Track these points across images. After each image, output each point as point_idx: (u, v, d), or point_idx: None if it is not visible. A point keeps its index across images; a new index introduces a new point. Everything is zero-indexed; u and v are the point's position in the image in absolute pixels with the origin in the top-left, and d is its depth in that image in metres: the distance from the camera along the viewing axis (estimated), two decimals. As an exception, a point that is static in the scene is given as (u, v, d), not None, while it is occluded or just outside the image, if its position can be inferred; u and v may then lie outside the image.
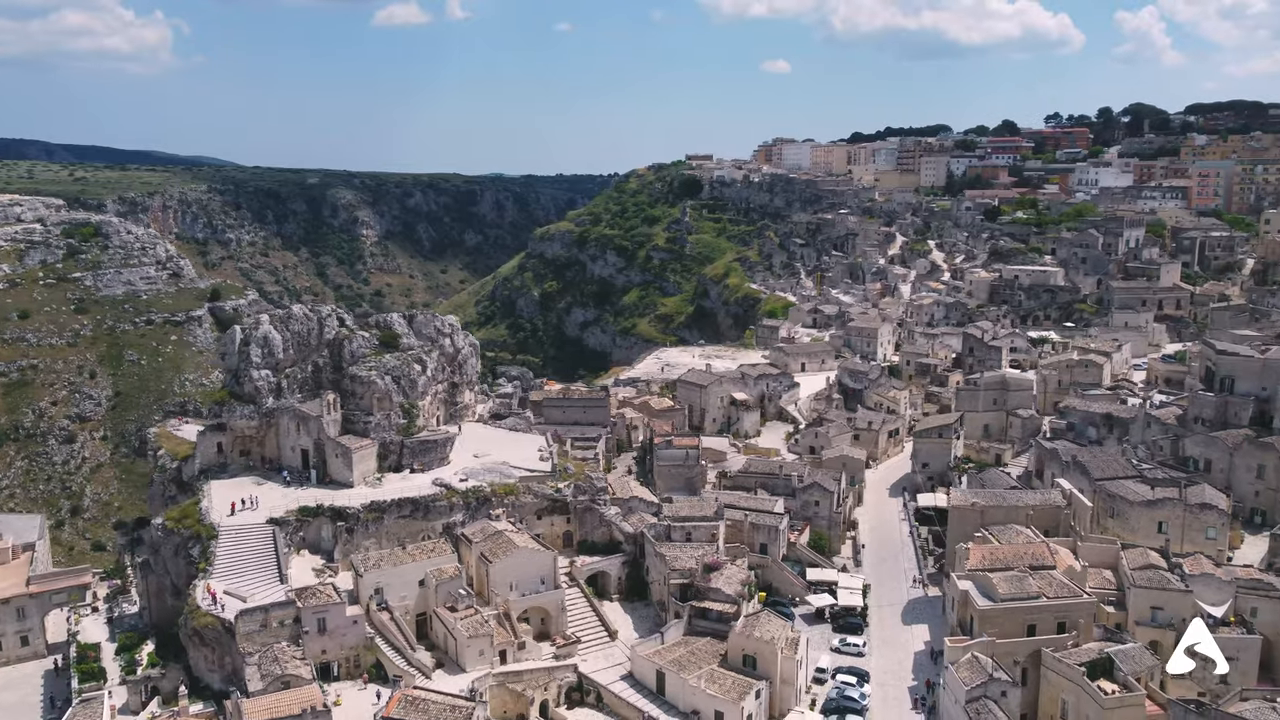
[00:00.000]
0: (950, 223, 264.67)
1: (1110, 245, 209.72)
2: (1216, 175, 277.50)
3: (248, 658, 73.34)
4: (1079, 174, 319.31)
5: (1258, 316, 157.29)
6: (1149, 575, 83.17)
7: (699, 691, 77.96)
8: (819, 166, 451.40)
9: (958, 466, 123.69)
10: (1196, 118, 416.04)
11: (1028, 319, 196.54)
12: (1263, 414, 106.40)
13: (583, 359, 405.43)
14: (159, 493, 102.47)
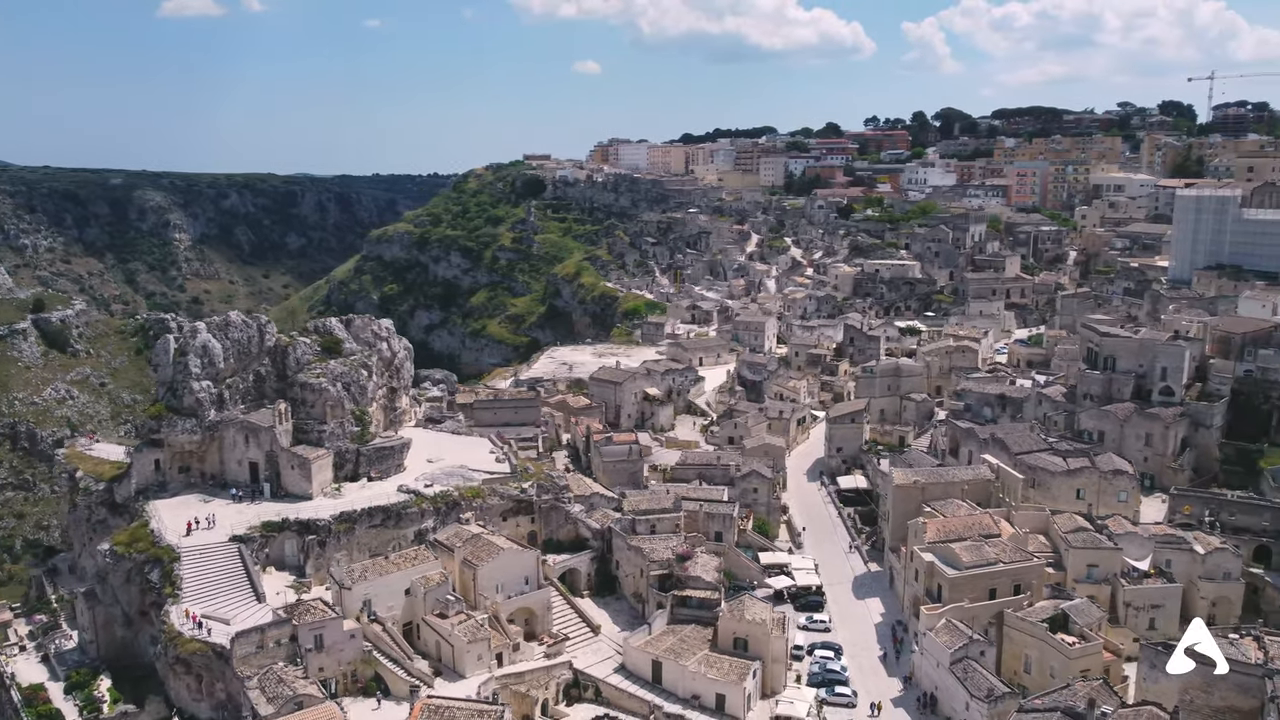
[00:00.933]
0: (805, 220, 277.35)
1: (959, 240, 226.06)
2: (1033, 175, 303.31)
3: (247, 681, 69.90)
4: (908, 174, 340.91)
5: (1100, 303, 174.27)
6: (1083, 537, 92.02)
7: (699, 676, 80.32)
8: (657, 166, 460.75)
9: (871, 449, 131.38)
10: (1001, 122, 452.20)
11: (890, 310, 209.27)
12: (1140, 389, 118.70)
13: (430, 362, 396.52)
14: (83, 518, 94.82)
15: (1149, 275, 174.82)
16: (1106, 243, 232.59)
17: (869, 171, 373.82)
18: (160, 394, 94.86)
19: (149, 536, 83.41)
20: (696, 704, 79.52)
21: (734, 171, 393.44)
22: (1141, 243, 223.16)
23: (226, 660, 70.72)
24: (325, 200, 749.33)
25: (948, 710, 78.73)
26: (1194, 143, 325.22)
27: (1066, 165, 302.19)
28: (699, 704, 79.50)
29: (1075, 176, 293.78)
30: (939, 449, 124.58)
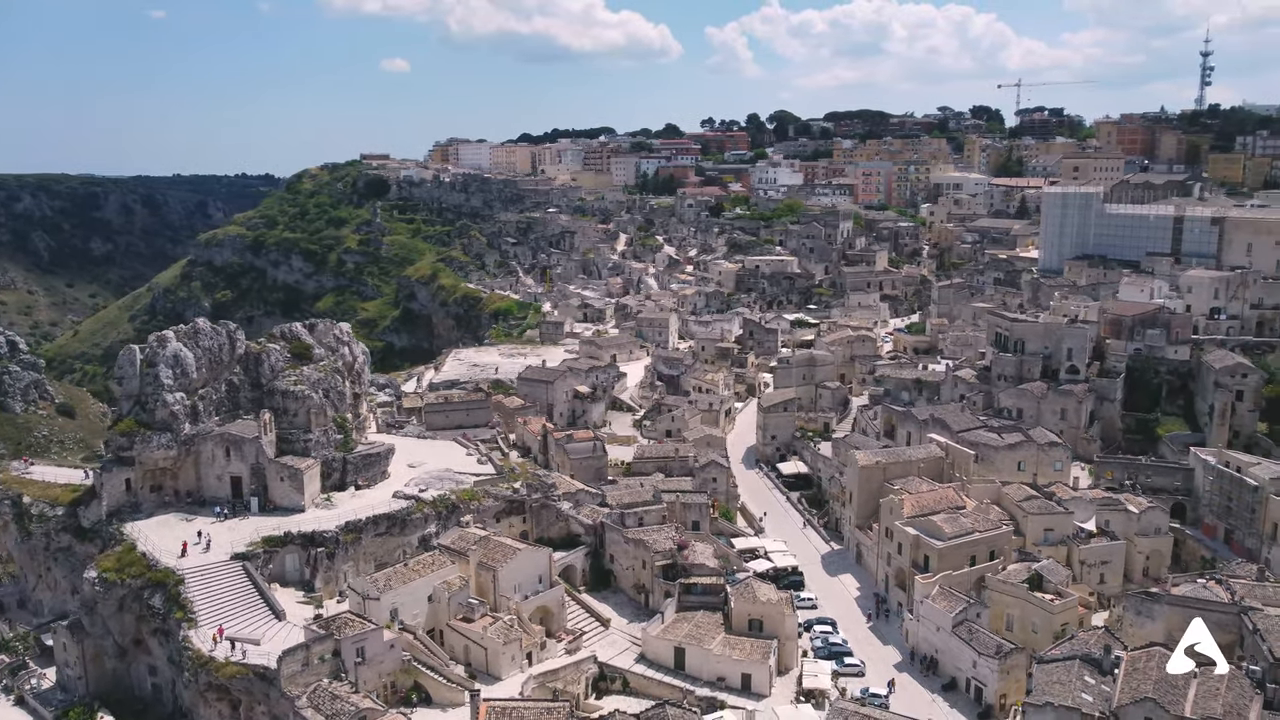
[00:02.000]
0: (675, 219, 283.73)
1: (830, 236, 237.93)
2: (878, 174, 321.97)
3: (297, 701, 67.16)
4: (758, 173, 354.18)
5: (974, 292, 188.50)
6: (1038, 504, 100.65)
7: (724, 659, 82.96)
8: (501, 166, 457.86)
9: (803, 436, 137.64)
10: (831, 124, 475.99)
11: (773, 304, 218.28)
12: (1046, 368, 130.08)
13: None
14: (39, 547, 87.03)
15: (1017, 266, 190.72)
16: (957, 237, 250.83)
17: (718, 171, 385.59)
18: (126, 409, 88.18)
19: (141, 560, 78.04)
20: (722, 685, 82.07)
21: (586, 171, 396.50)
22: (990, 236, 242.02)
23: (271, 681, 67.58)
24: (130, 203, 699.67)
25: (950, 671, 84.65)
26: (1013, 144, 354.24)
27: (908, 165, 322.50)
28: (724, 685, 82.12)
29: (917, 176, 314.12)
30: (868, 432, 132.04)
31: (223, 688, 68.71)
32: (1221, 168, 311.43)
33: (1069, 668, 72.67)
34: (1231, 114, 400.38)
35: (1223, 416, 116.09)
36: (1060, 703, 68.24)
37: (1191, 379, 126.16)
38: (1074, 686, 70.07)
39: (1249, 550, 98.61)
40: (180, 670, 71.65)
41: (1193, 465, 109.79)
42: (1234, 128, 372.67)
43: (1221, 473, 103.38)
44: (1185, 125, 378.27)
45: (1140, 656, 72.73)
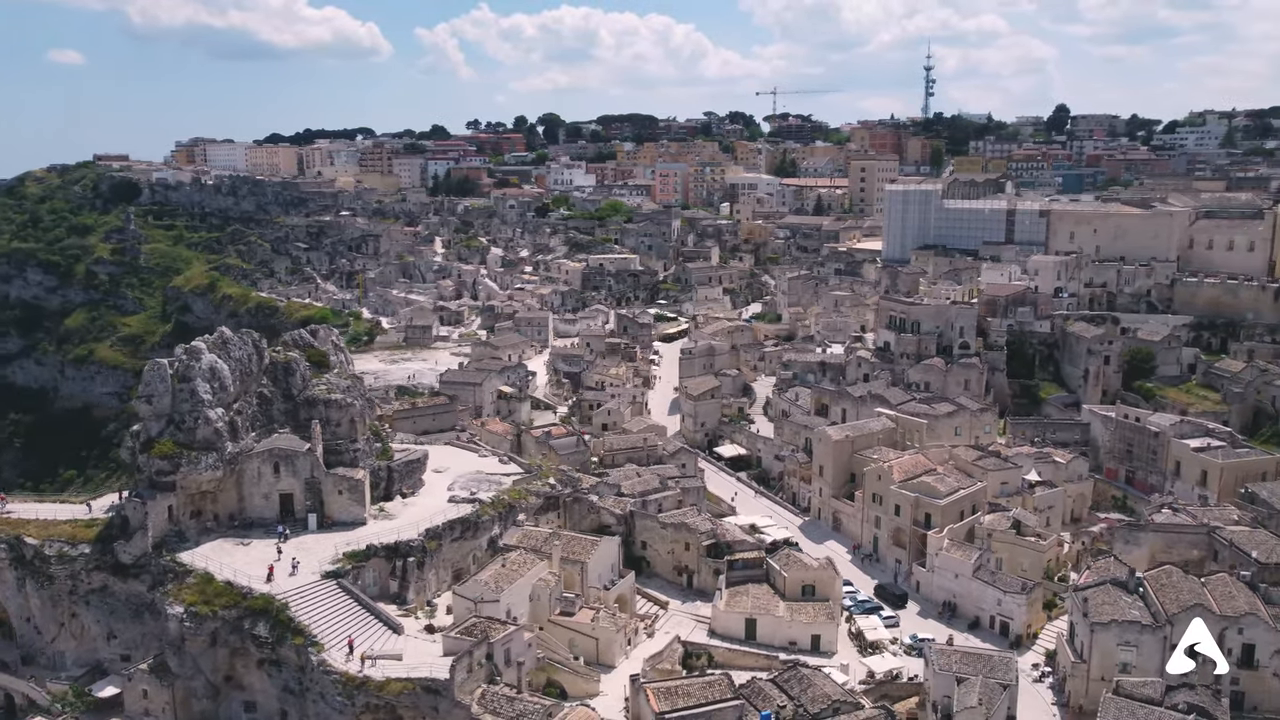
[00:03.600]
0: (498, 220, 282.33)
1: (665, 234, 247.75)
2: (675, 175, 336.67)
3: (472, 709, 65.81)
4: (553, 175, 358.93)
5: (818, 282, 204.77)
6: (992, 462, 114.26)
7: (795, 624, 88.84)
8: (262, 168, 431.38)
9: (731, 420, 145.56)
10: (600, 127, 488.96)
11: (621, 300, 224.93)
12: (938, 346, 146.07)
13: (11, 400, 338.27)
14: (64, 591, 76.63)
15: (857, 257, 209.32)
16: (770, 234, 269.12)
17: (508, 173, 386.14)
18: (156, 429, 79.55)
19: (229, 589, 71.99)
20: (795, 649, 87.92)
21: (372, 173, 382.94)
22: (801, 232, 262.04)
23: (439, 692, 65.60)
24: None
25: (972, 612, 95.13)
26: (785, 148, 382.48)
27: (704, 167, 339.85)
28: (796, 648, 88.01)
29: (713, 176, 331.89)
30: (789, 414, 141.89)
31: (386, 706, 65.53)
32: (965, 167, 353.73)
33: (1105, 591, 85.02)
34: (954, 121, 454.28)
35: (1096, 378, 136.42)
36: (1122, 618, 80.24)
37: (1057, 348, 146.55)
38: (1122, 605, 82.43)
39: (1151, 486, 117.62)
40: (318, 697, 67.17)
41: (1087, 420, 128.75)
42: (961, 133, 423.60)
43: (1122, 423, 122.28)
44: (922, 131, 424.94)
45: (1155, 576, 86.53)
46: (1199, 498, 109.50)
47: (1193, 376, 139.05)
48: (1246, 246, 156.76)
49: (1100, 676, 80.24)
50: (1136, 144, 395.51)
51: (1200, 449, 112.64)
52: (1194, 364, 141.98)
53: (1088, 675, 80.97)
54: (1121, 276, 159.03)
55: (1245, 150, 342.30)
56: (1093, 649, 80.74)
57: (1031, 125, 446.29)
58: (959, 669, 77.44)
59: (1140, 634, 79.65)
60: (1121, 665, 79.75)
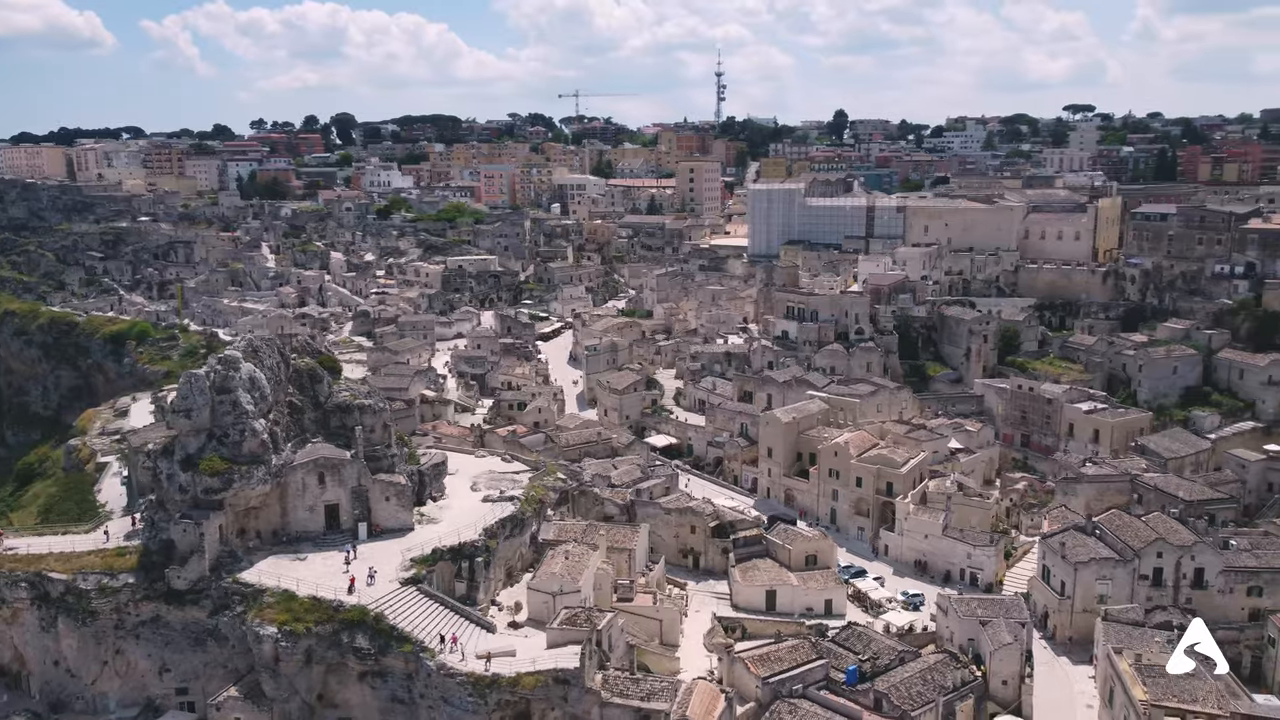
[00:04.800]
0: (334, 223, 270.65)
1: (519, 234, 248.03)
2: (500, 176, 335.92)
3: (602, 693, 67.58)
4: (369, 176, 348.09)
5: (686, 278, 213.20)
6: (923, 434, 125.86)
7: (810, 591, 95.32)
8: (21, 170, 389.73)
9: (655, 412, 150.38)
10: (400, 128, 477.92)
11: (485, 301, 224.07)
12: (835, 332, 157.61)
13: None
14: (109, 626, 69.88)
15: (720, 254, 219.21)
16: (613, 233, 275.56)
17: (315, 175, 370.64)
18: (196, 446, 73.96)
19: (318, 605, 69.21)
20: (811, 614, 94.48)
21: (163, 175, 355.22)
22: (645, 231, 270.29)
23: (569, 683, 66.81)
24: None
25: (943, 567, 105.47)
26: (606, 149, 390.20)
27: (531, 168, 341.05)
28: (813, 613, 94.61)
29: (540, 178, 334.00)
30: (708, 403, 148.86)
31: (519, 701, 65.70)
32: (769, 169, 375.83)
33: (1071, 535, 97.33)
34: (747, 125, 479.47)
35: (977, 355, 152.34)
36: (1098, 556, 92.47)
37: (935, 330, 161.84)
38: (1090, 546, 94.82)
39: (1046, 447, 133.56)
40: (437, 701, 66.07)
41: (981, 393, 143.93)
42: (757, 136, 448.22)
43: (1016, 393, 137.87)
44: (722, 134, 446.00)
45: (1108, 519, 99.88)
46: (1092, 454, 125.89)
47: (1049, 351, 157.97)
48: (1073, 236, 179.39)
49: (1083, 609, 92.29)
50: (913, 146, 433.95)
51: (1090, 411, 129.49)
52: (1043, 340, 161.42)
53: (1072, 609, 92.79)
54: (974, 264, 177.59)
55: (1011, 153, 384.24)
56: (1076, 586, 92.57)
57: (816, 129, 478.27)
58: (981, 614, 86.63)
59: (1114, 568, 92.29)
60: (1099, 597, 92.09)
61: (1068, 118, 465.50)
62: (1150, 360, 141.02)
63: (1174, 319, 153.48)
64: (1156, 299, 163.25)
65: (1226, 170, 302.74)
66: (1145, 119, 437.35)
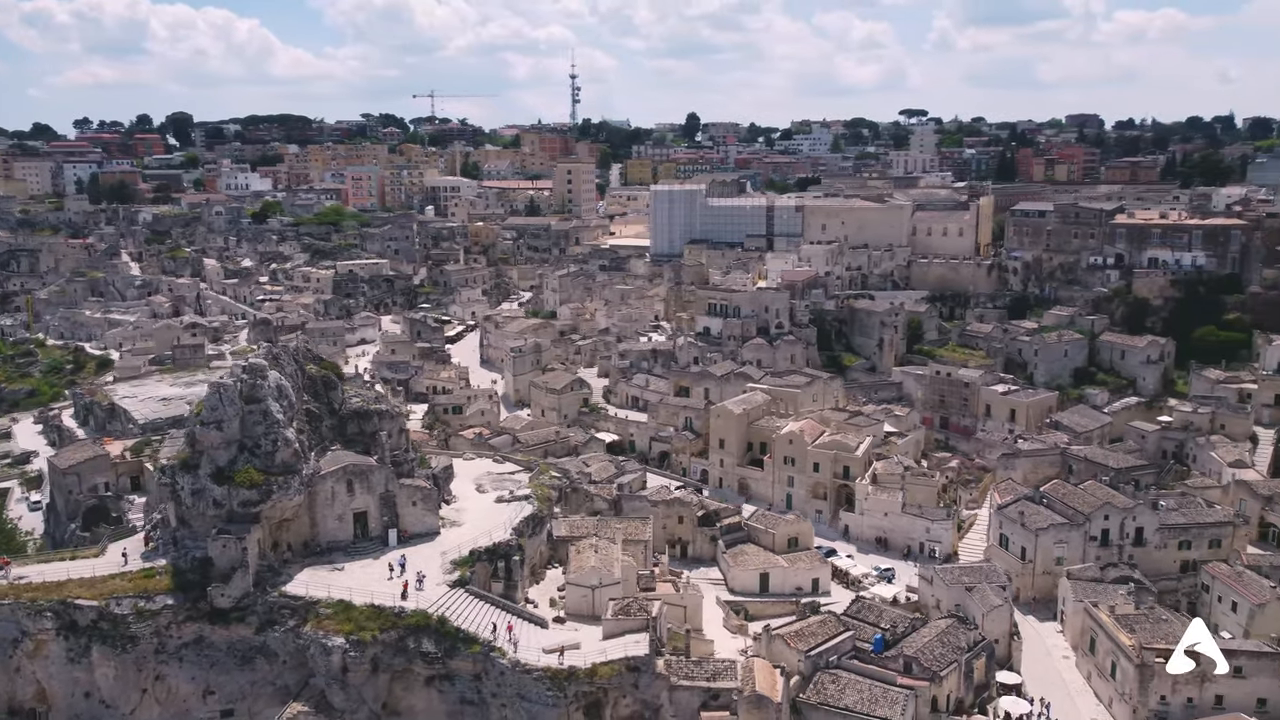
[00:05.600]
0: (204, 228, 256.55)
1: (409, 237, 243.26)
2: (368, 178, 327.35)
3: (671, 678, 69.98)
4: (226, 178, 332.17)
5: (587, 278, 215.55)
6: (862, 419, 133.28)
7: (800, 572, 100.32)
8: None
9: (592, 411, 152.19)
10: (242, 127, 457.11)
11: (379, 306, 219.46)
12: (757, 327, 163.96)
13: None
14: (150, 650, 66.06)
15: (621, 254, 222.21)
16: (497, 235, 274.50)
17: (159, 178, 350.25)
18: (226, 458, 70.76)
19: (378, 613, 68.20)
20: (801, 592, 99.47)
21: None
22: (530, 232, 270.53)
23: (640, 670, 68.85)
24: None
25: (903, 543, 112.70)
26: (470, 151, 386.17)
27: (401, 170, 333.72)
28: (803, 593, 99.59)
29: (411, 180, 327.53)
30: (641, 401, 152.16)
31: (596, 691, 67.01)
32: (635, 170, 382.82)
33: (1023, 505, 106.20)
34: (601, 127, 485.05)
35: (890, 345, 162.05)
36: (1054, 522, 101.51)
37: (845, 323, 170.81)
38: (1044, 514, 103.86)
39: (965, 428, 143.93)
40: (513, 699, 66.47)
41: (899, 379, 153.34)
42: (617, 137, 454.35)
43: (935, 378, 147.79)
44: (582, 135, 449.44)
45: (1053, 488, 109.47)
46: (1009, 432, 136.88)
47: (949, 339, 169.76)
48: (957, 232, 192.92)
49: (1043, 571, 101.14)
50: (765, 148, 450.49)
51: (1006, 393, 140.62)
52: (941, 330, 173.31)
53: (1033, 572, 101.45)
54: (871, 260, 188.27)
55: (859, 155, 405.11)
56: (1037, 550, 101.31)
57: (670, 131, 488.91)
58: (966, 581, 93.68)
59: (1069, 532, 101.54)
60: (1057, 559, 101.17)
61: (904, 121, 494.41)
62: (1045, 345, 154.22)
63: (1058, 307, 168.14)
64: (1038, 289, 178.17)
65: (1057, 171, 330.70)
66: (974, 123, 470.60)
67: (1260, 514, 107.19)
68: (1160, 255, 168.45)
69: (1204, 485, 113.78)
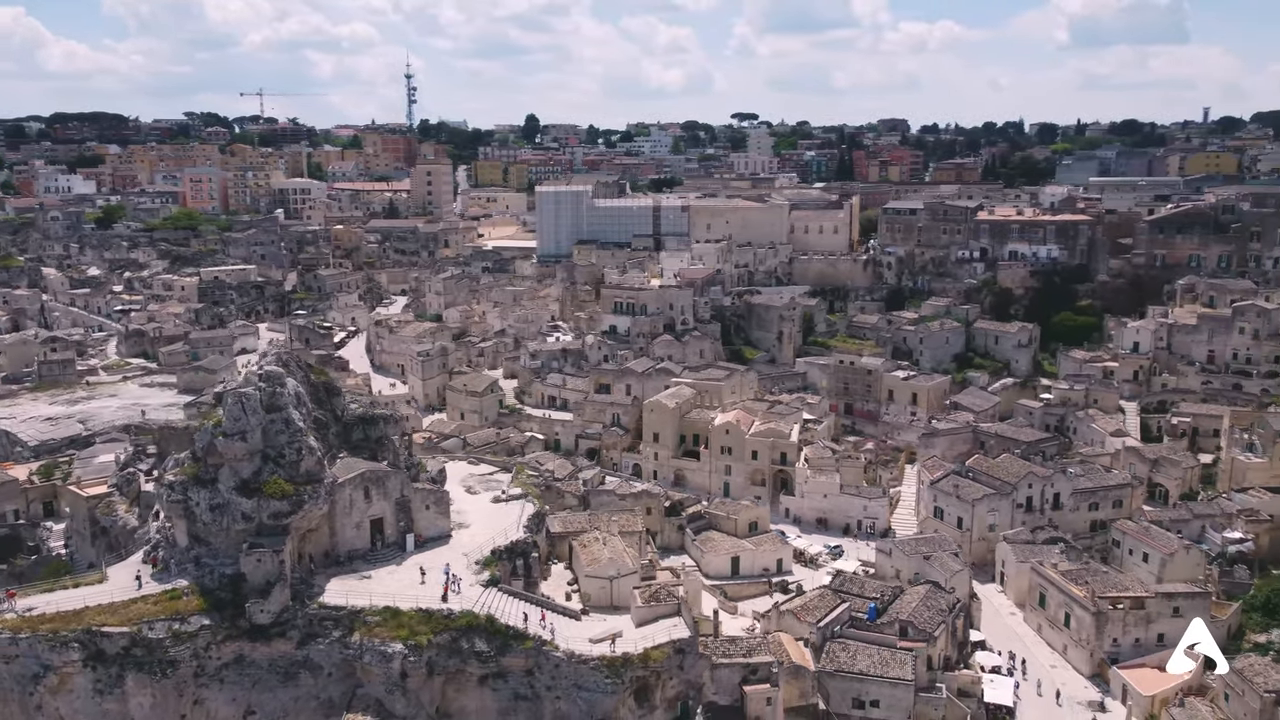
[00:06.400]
0: (38, 235, 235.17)
1: (275, 242, 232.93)
2: (209, 180, 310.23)
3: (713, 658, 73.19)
4: (44, 181, 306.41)
5: (472, 279, 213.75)
6: (782, 408, 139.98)
7: (765, 554, 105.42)
8: None
9: (512, 412, 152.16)
10: (52, 127, 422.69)
11: (251, 314, 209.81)
12: (664, 325, 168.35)
13: None
14: (189, 674, 62.49)
15: (505, 255, 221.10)
16: (361, 238, 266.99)
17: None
18: (250, 470, 67.60)
19: (428, 617, 67.74)
20: (768, 573, 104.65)
21: None
22: (396, 235, 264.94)
23: (685, 652, 71.68)
24: None
25: (842, 522, 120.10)
26: (311, 152, 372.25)
27: (245, 171, 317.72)
28: (769, 573, 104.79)
29: (257, 182, 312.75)
30: (558, 400, 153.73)
31: (650, 674, 69.12)
32: (487, 172, 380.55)
33: (953, 479, 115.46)
34: (441, 128, 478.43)
35: (789, 337, 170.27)
36: (987, 492, 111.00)
37: (742, 317, 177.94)
38: (974, 486, 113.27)
39: (869, 413, 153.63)
40: (569, 689, 67.61)
41: (803, 369, 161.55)
42: (459, 138, 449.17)
43: (839, 367, 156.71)
44: (424, 137, 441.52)
45: (975, 462, 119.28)
46: (911, 414, 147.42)
47: (838, 330, 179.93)
48: (832, 230, 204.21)
49: (979, 538, 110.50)
50: (607, 149, 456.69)
51: (907, 378, 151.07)
52: (829, 322, 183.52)
53: (971, 538, 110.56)
54: (756, 257, 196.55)
55: (700, 157, 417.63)
56: (974, 519, 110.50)
57: (512, 133, 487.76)
58: (924, 551, 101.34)
59: (1000, 501, 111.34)
60: (990, 526, 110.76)
61: (736, 124, 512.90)
62: (929, 333, 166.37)
63: (933, 298, 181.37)
64: (911, 281, 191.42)
65: (890, 172, 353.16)
66: (804, 125, 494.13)
67: (1148, 476, 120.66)
68: (1019, 249, 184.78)
69: (1095, 454, 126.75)
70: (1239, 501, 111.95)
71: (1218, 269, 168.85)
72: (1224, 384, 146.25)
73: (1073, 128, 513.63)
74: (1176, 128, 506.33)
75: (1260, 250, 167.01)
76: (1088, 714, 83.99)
